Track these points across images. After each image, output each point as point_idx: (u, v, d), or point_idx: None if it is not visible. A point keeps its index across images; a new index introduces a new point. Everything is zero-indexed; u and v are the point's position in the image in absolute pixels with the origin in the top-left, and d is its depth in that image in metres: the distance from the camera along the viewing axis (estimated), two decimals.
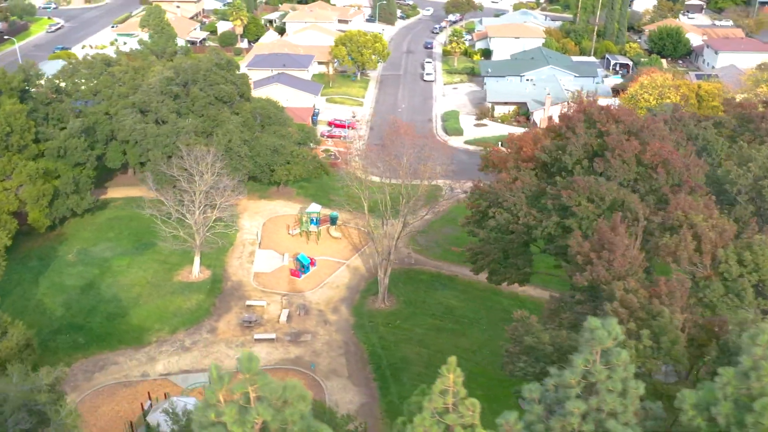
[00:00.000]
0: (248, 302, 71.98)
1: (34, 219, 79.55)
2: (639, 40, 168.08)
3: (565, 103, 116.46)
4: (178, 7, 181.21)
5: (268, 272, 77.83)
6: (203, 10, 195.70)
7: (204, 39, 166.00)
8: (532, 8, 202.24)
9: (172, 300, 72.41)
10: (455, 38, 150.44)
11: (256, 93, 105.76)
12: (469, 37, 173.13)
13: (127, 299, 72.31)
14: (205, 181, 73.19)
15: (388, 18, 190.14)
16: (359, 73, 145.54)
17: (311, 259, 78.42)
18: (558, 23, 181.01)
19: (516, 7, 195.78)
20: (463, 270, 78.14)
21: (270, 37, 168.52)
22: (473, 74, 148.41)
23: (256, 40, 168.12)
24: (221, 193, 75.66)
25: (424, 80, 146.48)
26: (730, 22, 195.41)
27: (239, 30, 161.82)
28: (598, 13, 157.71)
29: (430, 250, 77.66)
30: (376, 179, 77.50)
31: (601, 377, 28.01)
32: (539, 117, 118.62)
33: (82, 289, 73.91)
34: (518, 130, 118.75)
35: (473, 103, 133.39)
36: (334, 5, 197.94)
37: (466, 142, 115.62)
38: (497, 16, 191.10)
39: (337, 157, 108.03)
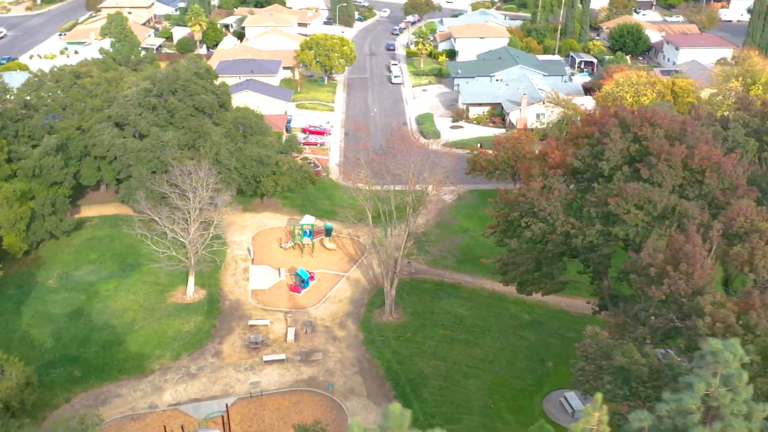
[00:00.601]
0: (250, 322, 68.96)
1: (11, 244, 74.69)
2: (598, 38, 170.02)
3: (541, 103, 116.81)
4: (129, 13, 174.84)
5: (265, 289, 74.88)
6: (155, 15, 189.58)
7: (160, 46, 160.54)
8: (488, 7, 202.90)
9: (170, 323, 68.82)
10: (421, 40, 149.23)
11: None
12: (431, 38, 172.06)
13: (121, 325, 68.38)
14: (200, 198, 69.79)
15: (346, 20, 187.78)
16: (326, 78, 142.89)
17: (311, 274, 75.79)
18: (517, 22, 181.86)
19: (474, 7, 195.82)
20: (465, 277, 76.97)
21: (229, 42, 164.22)
22: (441, 75, 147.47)
23: (215, 45, 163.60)
24: (216, 209, 72.51)
25: (392, 83, 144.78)
26: (681, 18, 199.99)
27: (198, 36, 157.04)
28: (562, 11, 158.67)
29: (442, 261, 75.67)
30: (378, 187, 74.80)
31: (725, 401, 26.76)
32: (515, 117, 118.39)
33: (71, 317, 69.60)
34: (494, 131, 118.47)
35: (445, 104, 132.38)
36: (290, 8, 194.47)
37: (445, 145, 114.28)
38: (455, 16, 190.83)
39: (317, 165, 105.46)
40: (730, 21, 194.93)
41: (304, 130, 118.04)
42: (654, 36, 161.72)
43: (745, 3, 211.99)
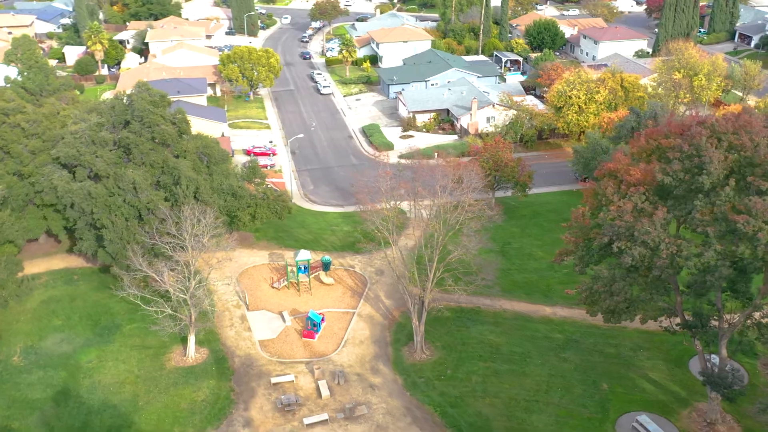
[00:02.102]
0: (273, 380, 61.15)
1: None
2: (510, 35, 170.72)
3: (491, 106, 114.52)
4: (9, 33, 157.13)
5: (274, 338, 67.04)
6: (35, 34, 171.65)
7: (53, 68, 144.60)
8: (384, 10, 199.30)
9: (180, 393, 59.75)
10: (345, 47, 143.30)
11: None
12: (339, 43, 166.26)
13: (122, 403, 58.57)
14: (202, 246, 61.10)
15: (250, 30, 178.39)
16: (252, 93, 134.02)
17: (322, 315, 68.71)
18: (427, 23, 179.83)
19: (383, 9, 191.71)
20: (481, 300, 72.51)
21: (132, 60, 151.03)
22: (370, 83, 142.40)
23: (117, 65, 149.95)
24: (213, 253, 64.11)
25: (322, 93, 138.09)
26: (577, 12, 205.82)
27: (99, 55, 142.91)
28: (482, 11, 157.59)
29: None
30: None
31: None
32: (466, 122, 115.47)
33: (57, 401, 58.92)
34: (446, 138, 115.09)
35: (385, 113, 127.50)
36: (187, 19, 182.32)
37: (401, 157, 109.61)
38: (361, 20, 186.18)
39: (277, 190, 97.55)
40: (623, 12, 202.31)
41: (248, 152, 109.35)
42: (567, 31, 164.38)
43: None
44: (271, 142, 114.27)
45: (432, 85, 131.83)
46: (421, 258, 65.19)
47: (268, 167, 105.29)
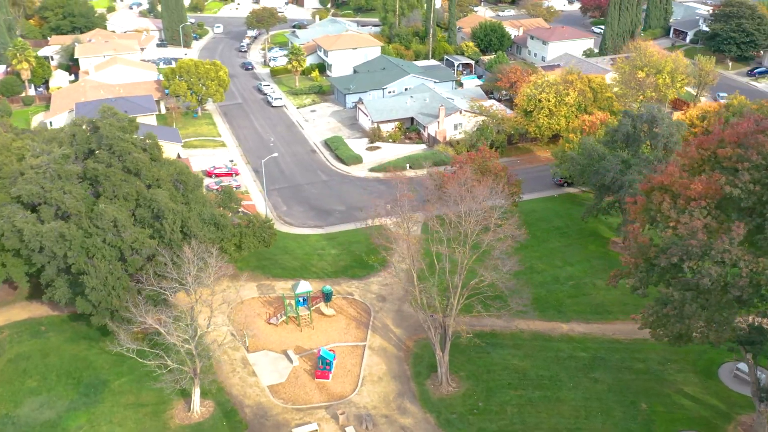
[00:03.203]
0: (294, 431, 55.41)
1: None
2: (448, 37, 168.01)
3: (459, 113, 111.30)
4: None
5: (283, 382, 61.24)
6: None
7: None
8: (322, 16, 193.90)
9: None
10: (294, 56, 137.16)
11: None
12: (282, 52, 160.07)
13: None
14: (208, 289, 54.79)
15: (183, 41, 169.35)
16: (200, 109, 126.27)
17: (333, 352, 63.31)
18: (369, 29, 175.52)
19: (321, 15, 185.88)
20: (494, 321, 68.70)
21: (61, 78, 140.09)
22: (323, 93, 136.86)
23: (45, 84, 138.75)
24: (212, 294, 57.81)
25: (273, 106, 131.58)
26: (512, 12, 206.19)
27: (26, 74, 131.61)
28: (432, 14, 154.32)
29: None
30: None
31: None
32: (434, 130, 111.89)
33: None
34: (414, 148, 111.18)
35: (345, 124, 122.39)
36: (114, 32, 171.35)
37: (372, 170, 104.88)
38: (299, 27, 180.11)
39: (247, 213, 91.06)
40: (560, 12, 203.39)
41: (208, 174, 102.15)
42: (511, 32, 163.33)
43: None
44: (231, 161, 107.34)
45: (389, 92, 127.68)
46: (441, 282, 60.63)
47: (234, 189, 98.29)
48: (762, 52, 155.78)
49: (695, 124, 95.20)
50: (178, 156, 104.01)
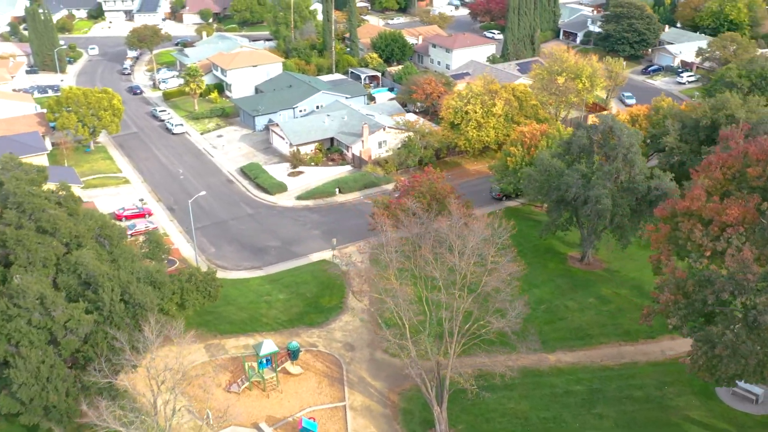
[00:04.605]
0: None
1: None
2: (348, 50, 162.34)
3: (383, 130, 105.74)
4: None
5: None
6: None
7: None
8: (209, 32, 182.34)
9: None
10: (191, 77, 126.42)
11: None
12: (173, 73, 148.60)
13: None
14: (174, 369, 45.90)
15: (60, 65, 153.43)
16: (92, 143, 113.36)
17: (313, 419, 55.69)
18: (261, 43, 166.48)
19: (208, 32, 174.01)
20: (475, 359, 63.29)
21: None
22: (226, 116, 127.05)
23: None
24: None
25: (174, 133, 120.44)
26: (402, 20, 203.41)
27: None
28: (332, 27, 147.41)
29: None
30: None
31: None
32: (358, 150, 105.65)
33: None
34: (340, 170, 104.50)
35: (259, 149, 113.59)
36: None
37: (300, 198, 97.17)
38: (184, 45, 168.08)
39: (174, 261, 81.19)
40: (453, 17, 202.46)
41: (118, 217, 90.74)
42: (410, 41, 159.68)
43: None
44: (141, 200, 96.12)
45: (300, 112, 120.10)
46: (432, 328, 54.43)
47: (149, 232, 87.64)
48: (651, 51, 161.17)
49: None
50: (80, 199, 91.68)
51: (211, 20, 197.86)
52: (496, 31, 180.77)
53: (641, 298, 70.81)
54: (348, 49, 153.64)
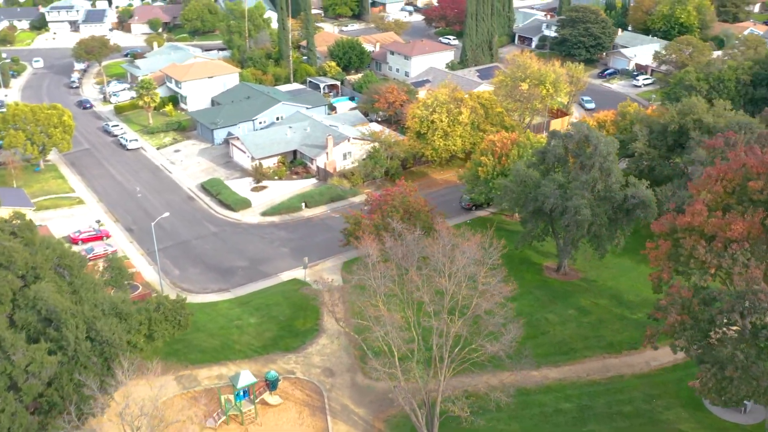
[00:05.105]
0: None
1: None
2: (305, 58, 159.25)
3: (347, 141, 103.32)
4: None
5: None
6: None
7: None
8: (159, 42, 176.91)
9: None
10: (145, 90, 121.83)
11: None
12: (124, 85, 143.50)
13: None
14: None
15: (1, 80, 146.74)
16: (42, 161, 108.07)
17: None
18: (214, 53, 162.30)
19: (159, 42, 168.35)
20: (460, 379, 61.40)
21: None
22: (183, 129, 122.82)
23: None
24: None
25: (129, 149, 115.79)
26: (356, 26, 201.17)
27: None
28: (288, 36, 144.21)
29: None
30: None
31: None
32: (323, 162, 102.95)
33: None
34: (304, 184, 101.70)
35: (219, 163, 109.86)
36: None
37: (265, 214, 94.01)
38: (134, 56, 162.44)
39: (137, 287, 77.26)
40: (408, 23, 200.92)
41: (73, 241, 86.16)
42: (368, 48, 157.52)
43: (399, 4, 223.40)
44: (98, 221, 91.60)
45: (260, 124, 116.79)
46: (419, 355, 52.16)
47: (109, 255, 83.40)
48: (605, 54, 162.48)
49: None
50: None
51: (160, 30, 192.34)
52: (452, 37, 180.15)
53: (620, 308, 70.07)
54: (305, 57, 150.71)
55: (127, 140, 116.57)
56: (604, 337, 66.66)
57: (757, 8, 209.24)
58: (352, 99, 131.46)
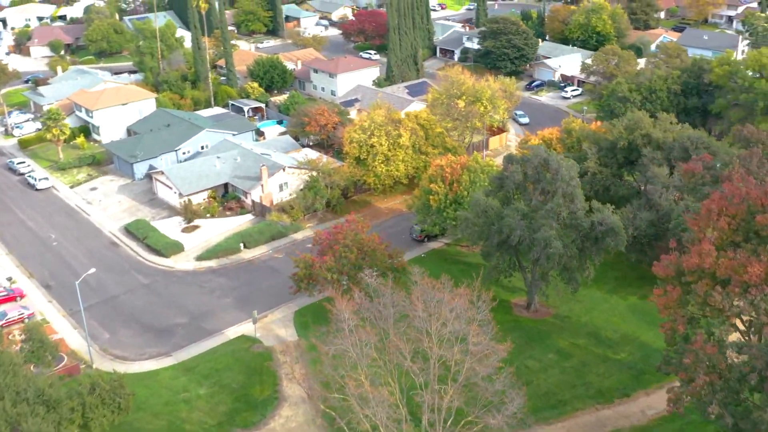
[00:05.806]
0: None
1: None
2: (224, 79, 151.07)
3: (282, 170, 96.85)
4: None
5: None
6: None
7: None
8: (64, 66, 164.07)
9: None
10: (53, 121, 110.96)
11: None
12: (27, 116, 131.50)
13: None
14: None
15: None
16: None
17: None
18: (125, 76, 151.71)
19: (63, 67, 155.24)
20: None
21: None
22: (97, 164, 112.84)
23: None
24: None
25: (38, 188, 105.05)
26: (272, 42, 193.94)
27: None
28: (205, 56, 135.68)
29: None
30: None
31: None
32: (258, 195, 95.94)
33: None
34: (240, 220, 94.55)
35: (142, 201, 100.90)
36: None
37: (200, 258, 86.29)
38: (36, 83, 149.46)
39: (62, 358, 68.07)
40: (326, 38, 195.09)
41: None
42: (288, 66, 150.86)
43: (313, 19, 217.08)
44: (9, 278, 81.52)
45: (184, 154, 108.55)
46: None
47: (26, 320, 73.88)
48: (530, 66, 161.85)
49: None
50: None
51: (63, 52, 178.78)
52: (372, 52, 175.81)
53: (601, 347, 66.59)
54: (223, 78, 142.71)
55: (36, 179, 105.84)
56: (591, 384, 62.45)
57: (663, 15, 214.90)
58: (280, 122, 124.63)
